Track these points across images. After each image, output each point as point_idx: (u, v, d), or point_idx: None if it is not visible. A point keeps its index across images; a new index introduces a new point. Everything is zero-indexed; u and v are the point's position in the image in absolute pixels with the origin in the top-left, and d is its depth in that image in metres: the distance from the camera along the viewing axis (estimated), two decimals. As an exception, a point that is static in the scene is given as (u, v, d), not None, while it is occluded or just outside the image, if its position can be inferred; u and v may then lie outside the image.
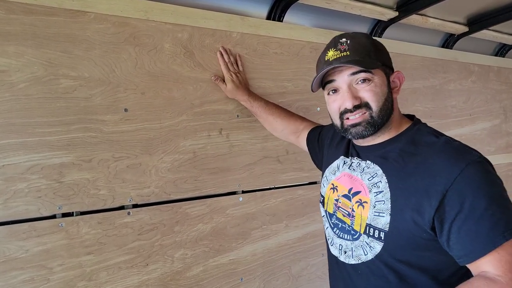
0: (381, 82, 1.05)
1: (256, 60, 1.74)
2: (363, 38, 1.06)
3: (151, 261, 1.48)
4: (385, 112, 1.05)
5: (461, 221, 0.91)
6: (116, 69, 1.39)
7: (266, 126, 1.70)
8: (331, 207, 1.21)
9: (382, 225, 1.02)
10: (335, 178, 1.22)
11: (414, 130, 1.09)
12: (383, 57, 1.08)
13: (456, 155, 0.96)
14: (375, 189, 1.06)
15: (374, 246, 1.04)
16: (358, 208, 1.09)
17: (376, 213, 1.04)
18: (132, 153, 1.43)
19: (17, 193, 1.24)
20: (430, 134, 1.06)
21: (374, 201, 1.05)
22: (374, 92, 1.04)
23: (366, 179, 1.10)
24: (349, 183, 1.15)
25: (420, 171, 0.99)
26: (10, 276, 1.23)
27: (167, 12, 1.49)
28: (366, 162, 1.13)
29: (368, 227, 1.05)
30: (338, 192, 1.18)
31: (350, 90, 1.05)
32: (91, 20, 1.34)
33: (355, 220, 1.10)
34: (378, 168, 1.08)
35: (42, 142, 1.27)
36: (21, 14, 1.23)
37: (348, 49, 1.03)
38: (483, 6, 2.33)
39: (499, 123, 2.98)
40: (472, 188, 0.91)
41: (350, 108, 1.05)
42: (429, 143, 1.03)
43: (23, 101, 1.24)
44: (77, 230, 1.34)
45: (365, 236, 1.06)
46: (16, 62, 1.22)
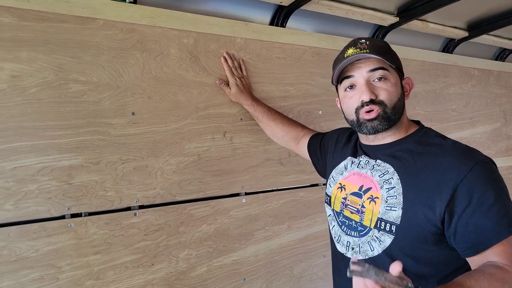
0: (396, 82, 1.11)
1: (259, 65, 1.78)
2: (380, 41, 1.15)
3: (157, 261, 1.52)
4: (398, 110, 1.11)
5: (469, 215, 0.96)
6: (124, 74, 1.43)
7: (267, 131, 1.73)
8: (338, 206, 1.24)
9: (394, 219, 1.05)
10: (343, 177, 1.25)
11: (422, 133, 1.15)
12: (397, 61, 1.14)
13: (465, 154, 1.03)
14: (387, 185, 1.10)
15: (384, 239, 1.08)
16: (370, 204, 1.12)
17: (388, 207, 1.07)
18: (138, 155, 1.47)
19: (28, 194, 1.28)
20: (437, 137, 1.13)
21: (386, 196, 1.09)
22: (389, 91, 1.09)
23: (377, 176, 1.14)
24: (359, 181, 1.18)
25: (430, 168, 1.04)
26: (21, 275, 1.27)
27: (173, 19, 1.53)
28: (376, 161, 1.17)
29: (379, 221, 1.09)
30: (346, 191, 1.22)
31: (368, 85, 1.10)
32: (100, 26, 1.38)
33: (365, 215, 1.13)
34: (389, 166, 1.12)
35: (52, 144, 1.31)
36: (33, 21, 1.27)
37: (368, 48, 1.09)
38: (483, 12, 2.36)
39: (499, 127, 3.01)
40: (481, 185, 0.97)
41: (367, 101, 1.09)
42: (437, 144, 1.09)
43: (35, 105, 1.28)
44: (85, 230, 1.38)
45: (376, 230, 1.10)
46: (28, 68, 1.26)
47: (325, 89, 2.00)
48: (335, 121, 2.04)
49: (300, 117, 1.91)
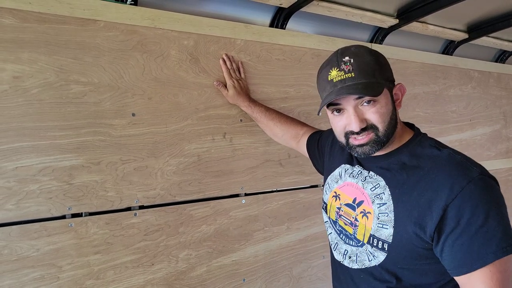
0: (386, 100, 1.04)
1: (259, 66, 1.79)
2: (367, 56, 1.02)
3: (157, 261, 1.53)
4: (391, 130, 1.06)
5: (456, 236, 0.93)
6: (124, 75, 1.44)
7: (267, 131, 1.73)
8: (333, 215, 1.23)
9: (386, 237, 1.04)
10: (338, 186, 1.23)
11: (416, 142, 1.10)
12: (387, 72, 1.06)
13: (458, 171, 0.97)
14: (378, 200, 1.07)
15: (377, 255, 1.07)
16: (362, 218, 1.10)
17: (380, 224, 1.05)
18: (139, 156, 1.48)
19: (29, 194, 1.29)
20: (432, 147, 1.07)
21: (377, 213, 1.06)
22: (380, 114, 1.03)
23: (368, 188, 1.11)
24: (352, 192, 1.16)
25: (422, 185, 1.00)
26: (21, 274, 1.28)
27: (173, 20, 1.54)
28: (369, 172, 1.13)
29: (371, 237, 1.07)
30: (341, 201, 1.20)
31: (356, 113, 1.03)
32: (101, 28, 1.40)
33: (358, 229, 1.11)
34: (381, 179, 1.09)
35: (54, 145, 1.32)
36: (35, 23, 1.28)
37: (353, 70, 1.00)
38: (482, 14, 2.36)
39: (499, 128, 3.02)
40: (471, 205, 0.93)
41: (357, 131, 1.04)
42: (431, 157, 1.04)
43: (36, 106, 1.29)
44: (85, 230, 1.39)
45: (369, 246, 1.08)
46: (29, 69, 1.28)
47: (324, 90, 2.00)
48: (335, 122, 2.05)
49: (300, 119, 1.92)
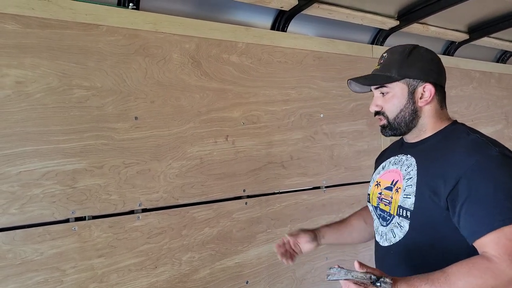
0: (399, 94, 1.19)
1: (261, 69, 1.79)
2: (397, 53, 1.20)
3: (160, 264, 1.53)
4: (402, 120, 1.20)
5: (468, 204, 1.02)
6: (126, 79, 1.45)
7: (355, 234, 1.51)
8: (375, 201, 1.32)
9: (409, 205, 1.14)
10: (379, 176, 1.35)
11: (450, 129, 1.21)
12: (412, 70, 1.17)
13: (475, 148, 1.08)
14: (408, 176, 1.19)
15: (403, 225, 1.17)
16: (395, 194, 1.22)
17: (405, 195, 1.17)
18: (141, 159, 1.48)
19: (33, 198, 1.29)
20: (463, 132, 1.17)
21: (405, 186, 1.18)
22: (390, 103, 1.19)
23: (403, 169, 1.23)
24: (391, 176, 1.28)
25: (442, 160, 1.12)
26: (25, 278, 1.29)
27: (175, 24, 1.55)
28: (407, 156, 1.25)
29: (399, 208, 1.18)
30: (381, 187, 1.30)
31: (375, 99, 1.22)
32: (103, 32, 1.40)
33: (392, 205, 1.22)
34: (413, 159, 1.21)
35: (57, 149, 1.33)
36: (37, 28, 1.29)
37: (381, 64, 1.21)
38: (483, 14, 2.37)
39: (501, 129, 3.01)
40: (483, 177, 1.03)
41: (373, 112, 1.23)
42: (459, 138, 1.15)
43: (39, 111, 1.30)
44: (89, 233, 1.39)
45: (397, 217, 1.19)
46: (32, 74, 1.28)
47: (326, 92, 2.01)
48: (336, 124, 2.05)
49: (302, 120, 1.92)
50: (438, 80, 1.20)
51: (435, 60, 1.22)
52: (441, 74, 1.22)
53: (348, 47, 2.08)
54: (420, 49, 1.21)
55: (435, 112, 1.21)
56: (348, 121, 2.11)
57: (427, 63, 1.20)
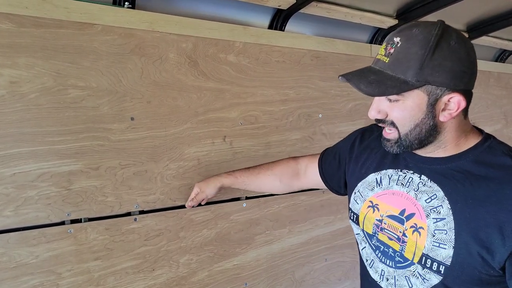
0: (415, 105, 0.89)
1: (258, 69, 1.78)
2: (417, 45, 0.85)
3: (157, 266, 1.51)
4: (416, 137, 0.92)
5: None
6: (122, 79, 1.43)
7: (263, 189, 1.55)
8: (369, 228, 1.08)
9: (443, 258, 0.90)
10: (374, 194, 1.08)
11: (484, 148, 0.94)
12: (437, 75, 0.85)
13: None
14: (435, 215, 0.92)
15: (429, 278, 0.93)
16: (413, 234, 0.96)
17: (436, 243, 0.91)
18: (138, 160, 1.46)
19: (28, 200, 1.27)
20: (505, 155, 0.91)
21: (433, 229, 0.92)
22: (400, 114, 0.91)
23: (422, 200, 0.95)
24: (400, 203, 1.01)
25: (493, 201, 0.85)
26: (20, 282, 1.27)
27: (171, 23, 1.53)
28: (421, 177, 0.98)
29: (424, 257, 0.93)
30: (381, 212, 1.04)
31: (377, 102, 0.94)
32: (98, 32, 1.38)
33: (407, 246, 0.97)
34: (438, 189, 0.94)
35: (52, 150, 1.31)
36: (31, 27, 1.27)
37: (391, 55, 0.88)
38: (482, 13, 2.36)
39: (501, 128, 3.00)
40: None
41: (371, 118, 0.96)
42: (505, 166, 0.88)
43: (34, 111, 1.28)
44: (85, 236, 1.37)
45: (419, 266, 0.94)
46: (26, 73, 1.26)
47: (324, 92, 2.00)
48: (335, 124, 2.04)
49: (300, 121, 1.91)
50: (469, 85, 0.90)
51: (471, 57, 0.88)
52: (474, 75, 0.91)
53: (347, 46, 2.07)
54: (450, 38, 0.85)
55: (459, 125, 0.94)
56: (346, 121, 2.09)
57: (460, 62, 0.86)
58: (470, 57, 0.88)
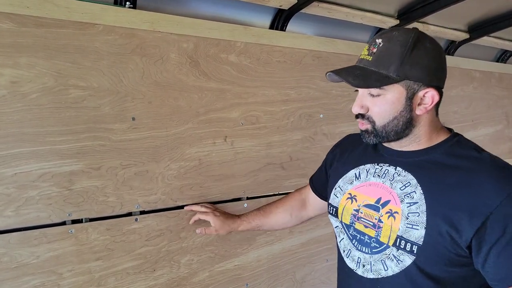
0: (395, 99, 0.99)
1: (259, 69, 1.77)
2: (397, 45, 0.97)
3: (158, 267, 1.51)
4: (393, 129, 1.02)
5: (502, 246, 0.89)
6: (123, 79, 1.43)
7: (277, 226, 1.57)
8: (347, 218, 1.15)
9: (416, 238, 0.97)
10: (353, 187, 1.16)
11: (454, 142, 1.04)
12: (414, 71, 0.97)
13: (504, 176, 0.93)
14: (408, 200, 1.01)
15: (403, 259, 1.00)
16: (388, 219, 1.03)
17: (409, 225, 0.99)
18: (139, 160, 1.46)
19: (29, 200, 1.27)
20: (471, 149, 1.01)
21: (407, 212, 1.00)
22: (380, 108, 1.01)
23: (397, 188, 1.04)
24: (376, 192, 1.09)
25: (462, 187, 0.95)
26: (21, 282, 1.27)
27: (172, 23, 1.53)
28: (396, 168, 1.07)
29: (399, 239, 1.00)
30: (358, 202, 1.12)
31: (361, 97, 1.04)
32: (99, 31, 1.38)
33: (383, 231, 1.04)
34: (411, 177, 1.03)
35: (53, 150, 1.30)
36: (33, 27, 1.27)
37: (373, 54, 1.00)
38: (483, 13, 2.35)
39: (502, 129, 3.00)
40: None
41: (356, 114, 1.06)
42: (472, 158, 0.99)
43: (35, 111, 1.27)
44: (86, 236, 1.37)
45: (394, 248, 1.01)
46: (27, 73, 1.26)
47: (326, 92, 2.00)
48: (336, 124, 2.04)
49: (301, 121, 1.91)
50: (441, 82, 1.03)
51: (442, 57, 1.02)
52: (445, 74, 1.04)
53: (348, 47, 2.06)
54: (425, 41, 0.99)
55: (432, 120, 1.05)
56: (347, 122, 2.09)
57: (434, 60, 0.99)
58: (442, 58, 1.01)
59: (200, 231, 1.55)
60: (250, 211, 1.57)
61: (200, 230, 1.55)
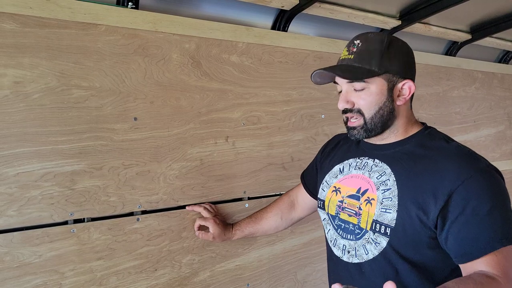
0: (378, 90, 1.08)
1: (261, 69, 1.78)
2: (375, 44, 1.08)
3: (160, 266, 1.52)
4: (379, 119, 1.10)
5: (461, 223, 0.96)
6: (126, 79, 1.43)
7: (270, 231, 1.62)
8: (333, 209, 1.23)
9: (388, 221, 1.06)
10: (337, 180, 1.25)
11: (425, 134, 1.14)
12: (393, 65, 1.08)
13: (466, 161, 1.02)
14: (383, 187, 1.10)
15: (380, 241, 1.08)
16: (366, 205, 1.12)
17: (383, 209, 1.08)
18: (141, 160, 1.47)
19: (31, 200, 1.28)
20: (441, 139, 1.12)
21: (381, 198, 1.09)
22: (366, 100, 1.09)
23: (374, 177, 1.13)
24: (356, 183, 1.18)
25: (429, 172, 1.04)
26: (23, 281, 1.27)
27: (175, 24, 1.54)
28: (374, 160, 1.16)
29: (374, 223, 1.09)
30: (342, 194, 1.21)
31: (345, 94, 1.12)
32: (102, 32, 1.39)
33: (362, 217, 1.13)
34: (386, 167, 1.12)
35: (55, 150, 1.31)
36: (36, 27, 1.27)
37: (354, 53, 1.09)
38: (486, 14, 2.35)
39: (504, 129, 3.00)
40: (477, 194, 0.97)
41: (341, 109, 1.13)
42: (440, 148, 1.08)
43: (37, 111, 1.28)
44: (88, 236, 1.37)
45: (371, 232, 1.10)
46: (30, 74, 1.27)
47: (327, 93, 2.00)
48: (338, 125, 2.04)
49: (303, 121, 1.91)
50: (414, 75, 1.14)
51: (412, 54, 1.14)
52: (415, 69, 1.16)
53: (350, 47, 2.06)
54: (397, 40, 1.12)
55: (407, 112, 1.15)
56: (349, 122, 2.09)
57: (407, 56, 1.12)
58: (412, 55, 1.14)
59: (198, 234, 1.56)
60: (242, 219, 1.62)
61: (198, 233, 1.56)
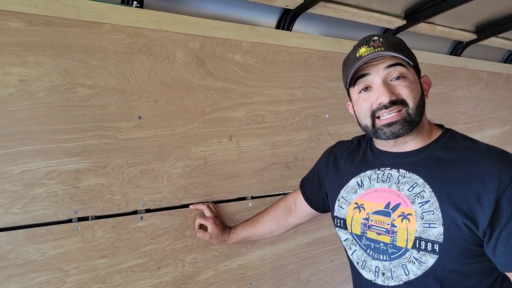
0: (415, 80, 1.04)
1: (265, 68, 1.78)
2: (395, 38, 1.07)
3: (163, 265, 1.52)
4: (420, 111, 1.02)
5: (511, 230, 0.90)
6: (130, 78, 1.44)
7: (266, 235, 1.61)
8: (357, 228, 1.12)
9: (435, 237, 0.96)
10: (358, 196, 1.13)
11: (448, 137, 1.06)
12: (415, 59, 1.06)
13: (504, 162, 0.94)
14: (419, 200, 1.00)
15: (426, 260, 0.98)
16: (402, 222, 1.01)
17: (426, 224, 0.97)
18: (145, 159, 1.47)
19: (36, 198, 1.28)
20: (465, 139, 1.04)
21: (420, 212, 0.99)
22: (410, 89, 1.00)
23: (405, 189, 1.03)
24: (383, 197, 1.07)
25: (465, 176, 0.95)
26: (28, 278, 1.28)
27: (179, 23, 1.54)
28: (399, 171, 1.06)
29: (418, 240, 0.99)
30: (367, 210, 1.10)
31: (385, 85, 1.01)
32: (107, 31, 1.39)
33: (398, 235, 1.02)
34: (417, 177, 1.02)
35: (60, 148, 1.31)
36: (41, 26, 1.28)
37: (382, 45, 1.00)
38: (491, 14, 2.34)
39: (509, 130, 2.98)
40: None
41: (386, 104, 1.00)
42: (468, 148, 1.01)
43: (42, 109, 1.28)
44: (92, 234, 1.38)
45: (414, 250, 0.99)
46: (35, 72, 1.27)
47: (331, 92, 1.99)
48: (342, 124, 2.03)
49: (307, 121, 1.91)
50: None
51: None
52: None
53: (354, 47, 2.06)
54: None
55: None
56: (353, 122, 2.05)
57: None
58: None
59: (197, 232, 1.56)
60: (239, 223, 1.63)
61: (197, 231, 1.56)
